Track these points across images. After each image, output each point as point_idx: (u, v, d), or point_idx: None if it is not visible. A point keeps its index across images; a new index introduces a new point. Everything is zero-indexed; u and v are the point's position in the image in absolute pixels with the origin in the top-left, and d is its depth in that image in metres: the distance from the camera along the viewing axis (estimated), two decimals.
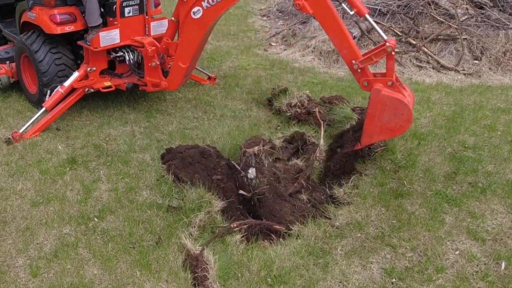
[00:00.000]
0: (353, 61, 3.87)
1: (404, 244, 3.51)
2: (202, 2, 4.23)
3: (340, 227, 3.68)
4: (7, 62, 5.81)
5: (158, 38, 5.28)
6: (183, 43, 4.64)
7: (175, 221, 3.67)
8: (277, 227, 3.65)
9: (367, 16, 3.86)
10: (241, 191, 3.83)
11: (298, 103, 5.35)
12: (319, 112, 5.05)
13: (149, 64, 5.03)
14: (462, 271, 3.28)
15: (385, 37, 3.86)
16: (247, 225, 3.60)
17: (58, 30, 5.04)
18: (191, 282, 3.13)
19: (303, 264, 3.33)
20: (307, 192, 4.08)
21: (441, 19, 7.70)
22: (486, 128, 5.27)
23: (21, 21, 5.62)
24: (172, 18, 4.74)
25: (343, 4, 3.87)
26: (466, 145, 4.88)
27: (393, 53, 3.73)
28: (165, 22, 5.47)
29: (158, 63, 5.01)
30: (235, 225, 3.58)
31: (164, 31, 5.46)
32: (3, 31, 6.35)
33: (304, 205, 3.95)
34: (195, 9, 4.29)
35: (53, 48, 5.24)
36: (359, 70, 3.88)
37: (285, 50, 8.11)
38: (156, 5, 5.64)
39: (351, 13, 3.83)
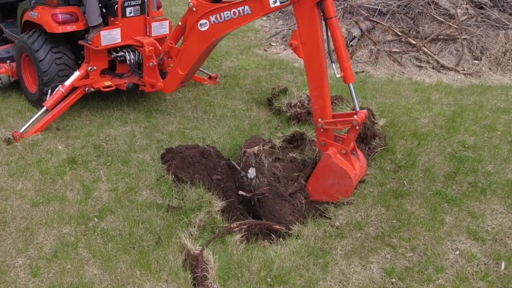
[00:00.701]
0: (320, 119, 3.85)
1: (404, 244, 3.51)
2: (211, 17, 4.19)
3: (340, 227, 3.68)
4: (8, 61, 5.82)
5: (159, 39, 5.29)
6: (185, 51, 4.62)
7: (175, 221, 3.67)
8: (277, 227, 3.65)
9: (351, 85, 3.81)
10: (240, 192, 3.83)
11: (298, 103, 5.35)
12: None
13: (147, 64, 5.03)
14: (462, 271, 3.28)
15: (358, 109, 3.83)
16: (247, 225, 3.60)
17: (60, 29, 5.05)
18: (191, 282, 3.13)
19: (303, 264, 3.33)
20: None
21: (441, 19, 7.70)
22: (486, 128, 5.27)
23: (23, 20, 5.64)
24: (180, 23, 4.73)
25: (333, 65, 3.83)
26: (466, 145, 4.89)
27: (357, 127, 3.73)
28: (166, 23, 5.47)
29: (155, 63, 5.01)
30: (235, 225, 3.58)
31: (165, 32, 5.47)
32: (4, 31, 6.35)
33: (304, 205, 3.95)
34: (203, 21, 4.25)
35: (54, 47, 5.25)
36: (322, 130, 3.87)
37: (285, 50, 8.11)
38: (158, 7, 5.65)
39: (338, 76, 3.79)
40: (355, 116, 3.71)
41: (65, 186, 4.13)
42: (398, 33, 7.70)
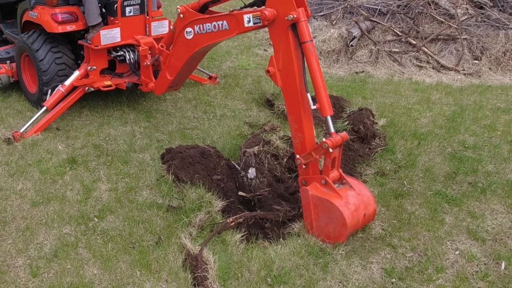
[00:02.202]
0: (297, 156, 3.52)
1: (404, 244, 3.51)
2: (195, 26, 4.09)
3: None
4: (8, 61, 5.82)
5: (158, 39, 5.28)
6: (173, 57, 4.56)
7: (175, 221, 3.67)
8: (272, 217, 3.60)
9: (328, 117, 3.37)
10: (240, 192, 3.83)
11: None
12: None
13: (143, 64, 5.04)
14: (462, 271, 3.28)
15: (332, 130, 3.39)
16: (242, 218, 3.57)
17: (60, 29, 5.05)
18: (191, 282, 3.13)
19: (303, 264, 3.32)
20: None
21: (441, 19, 7.70)
22: (486, 128, 5.27)
23: (23, 20, 5.64)
24: (172, 27, 4.72)
25: (308, 94, 3.41)
26: (466, 145, 4.89)
27: (330, 150, 3.29)
28: (166, 23, 5.47)
29: (149, 63, 5.00)
30: (231, 219, 3.56)
31: (164, 32, 5.47)
32: (4, 31, 6.36)
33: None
34: (188, 29, 4.15)
35: (54, 47, 5.25)
36: (303, 166, 3.50)
37: None
38: (158, 7, 5.65)
39: (313, 107, 3.38)
40: (324, 139, 3.34)
41: (65, 186, 4.13)
42: (398, 33, 7.70)
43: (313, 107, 3.39)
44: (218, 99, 5.94)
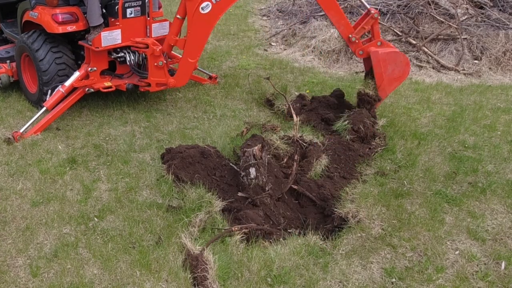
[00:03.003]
0: (349, 36, 4.82)
1: (404, 244, 3.51)
2: None
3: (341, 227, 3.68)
4: (8, 61, 5.82)
5: (159, 40, 5.29)
6: (192, 39, 4.75)
7: (175, 221, 3.67)
8: (278, 233, 3.62)
9: None
10: (240, 193, 3.83)
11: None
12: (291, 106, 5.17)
13: (155, 64, 5.02)
14: (462, 271, 3.28)
15: (368, 6, 4.84)
16: (248, 229, 3.58)
17: (60, 29, 5.05)
18: (191, 282, 3.13)
19: (303, 264, 3.32)
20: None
21: (441, 19, 7.70)
22: (486, 128, 5.27)
23: (23, 20, 5.64)
24: (177, 16, 4.78)
25: None
26: (466, 145, 4.89)
27: (378, 17, 4.79)
28: (166, 24, 5.48)
29: (165, 62, 5.03)
30: (236, 228, 3.57)
31: (165, 33, 5.47)
32: (4, 31, 6.36)
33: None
34: (204, 4, 4.45)
35: (54, 47, 5.25)
36: (356, 41, 4.84)
37: (285, 50, 8.11)
38: (159, 7, 5.65)
39: None
40: (371, 11, 4.75)
41: (65, 186, 4.13)
42: (398, 33, 7.70)
43: None
44: (218, 99, 5.94)
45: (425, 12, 7.82)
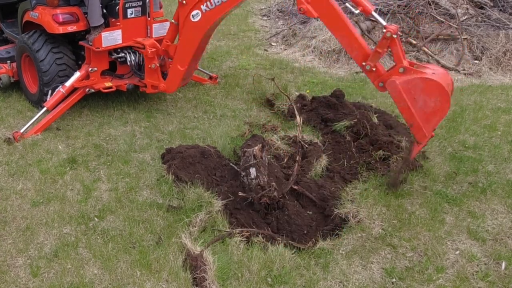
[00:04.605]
0: (363, 63, 3.68)
1: (405, 244, 3.51)
2: (201, 6, 4.23)
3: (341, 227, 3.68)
4: (8, 61, 5.82)
5: (160, 40, 5.29)
6: (182, 46, 4.66)
7: (175, 221, 3.67)
8: (279, 238, 3.62)
9: (373, 13, 3.70)
10: (240, 193, 3.82)
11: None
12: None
13: (149, 66, 5.04)
14: (462, 271, 3.28)
15: (384, 23, 3.63)
16: (249, 233, 3.58)
17: (61, 30, 5.05)
18: (191, 283, 3.13)
19: (304, 264, 3.32)
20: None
21: (441, 19, 7.70)
22: (486, 128, 5.27)
23: (23, 20, 5.63)
24: (173, 21, 4.75)
25: (347, 4, 3.80)
26: (466, 145, 4.89)
27: (394, 36, 3.49)
28: (167, 25, 5.48)
29: (157, 65, 5.02)
30: (237, 231, 3.57)
31: (165, 34, 5.47)
32: (5, 31, 6.36)
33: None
34: (194, 12, 4.31)
35: (54, 47, 5.24)
36: (373, 69, 3.66)
37: (285, 50, 8.11)
38: (160, 6, 5.66)
39: (356, 12, 3.67)
40: (385, 30, 3.51)
41: (65, 186, 4.13)
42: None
43: (356, 11, 3.65)
44: (218, 99, 5.94)
45: (425, 12, 7.82)
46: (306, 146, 4.49)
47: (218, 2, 4.14)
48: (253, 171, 3.79)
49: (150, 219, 3.71)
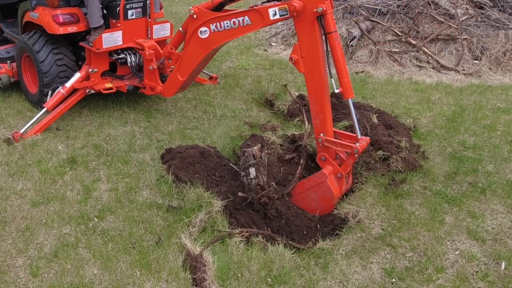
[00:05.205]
0: (321, 135, 3.74)
1: (404, 244, 3.51)
2: (211, 25, 4.15)
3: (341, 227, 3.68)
4: (8, 61, 5.82)
5: (160, 42, 5.28)
6: (185, 57, 4.58)
7: (175, 221, 3.67)
8: (279, 238, 3.62)
9: (349, 100, 3.66)
10: (240, 193, 3.83)
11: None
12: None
13: (147, 68, 5.03)
14: (462, 271, 3.28)
15: (359, 136, 3.68)
16: (249, 233, 3.58)
17: (61, 30, 5.05)
18: (191, 283, 3.13)
19: (303, 264, 3.33)
20: None
21: (441, 19, 7.70)
22: (486, 128, 5.27)
23: (23, 21, 5.63)
24: (180, 29, 4.69)
25: (332, 80, 3.71)
26: (466, 145, 4.89)
27: (356, 155, 3.60)
28: (167, 26, 5.48)
29: (155, 67, 5.01)
30: (237, 231, 3.57)
31: (166, 35, 5.47)
32: (5, 31, 6.36)
33: None
34: (203, 29, 4.21)
35: (55, 48, 5.24)
36: (321, 145, 3.76)
37: (285, 50, 8.11)
38: (160, 7, 5.65)
39: (336, 91, 3.63)
40: (357, 144, 3.58)
41: (65, 186, 4.13)
42: (398, 33, 7.70)
43: (336, 90, 3.62)
44: (218, 99, 5.94)
45: (425, 12, 7.82)
46: (312, 150, 4.48)
47: (227, 26, 4.07)
48: (252, 171, 3.79)
49: (150, 219, 3.71)
